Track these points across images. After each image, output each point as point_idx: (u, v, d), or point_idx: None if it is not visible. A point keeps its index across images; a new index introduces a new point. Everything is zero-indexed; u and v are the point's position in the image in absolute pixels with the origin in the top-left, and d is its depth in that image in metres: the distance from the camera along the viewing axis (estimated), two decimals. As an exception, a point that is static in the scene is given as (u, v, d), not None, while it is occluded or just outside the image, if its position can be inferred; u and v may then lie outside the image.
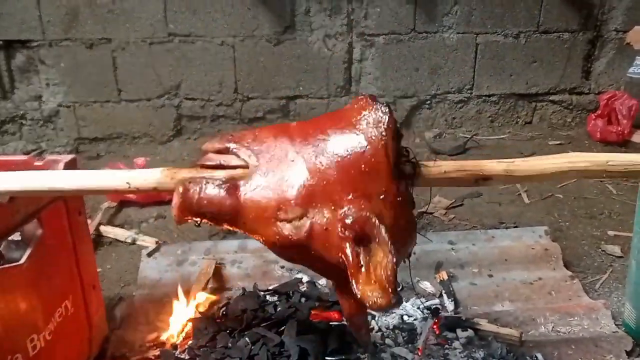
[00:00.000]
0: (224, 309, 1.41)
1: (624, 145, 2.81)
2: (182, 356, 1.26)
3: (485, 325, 1.34)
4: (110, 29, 2.75)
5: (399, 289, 1.51)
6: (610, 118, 2.85)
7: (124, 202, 2.18)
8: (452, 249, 1.68)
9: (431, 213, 2.09)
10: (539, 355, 1.27)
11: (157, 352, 1.29)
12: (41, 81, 2.81)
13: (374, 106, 0.85)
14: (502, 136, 3.03)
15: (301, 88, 2.96)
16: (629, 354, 1.30)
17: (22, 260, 1.03)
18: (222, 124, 2.98)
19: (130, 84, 2.85)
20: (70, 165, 1.21)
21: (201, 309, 1.42)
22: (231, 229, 0.89)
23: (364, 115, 0.84)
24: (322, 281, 1.52)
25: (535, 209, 2.14)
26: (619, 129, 2.79)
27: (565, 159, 0.90)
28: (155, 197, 2.16)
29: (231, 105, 2.95)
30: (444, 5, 2.89)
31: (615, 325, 1.39)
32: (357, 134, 0.83)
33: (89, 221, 1.93)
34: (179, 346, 1.30)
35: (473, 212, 2.12)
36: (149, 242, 1.85)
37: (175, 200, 0.87)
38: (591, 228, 1.97)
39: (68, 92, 2.83)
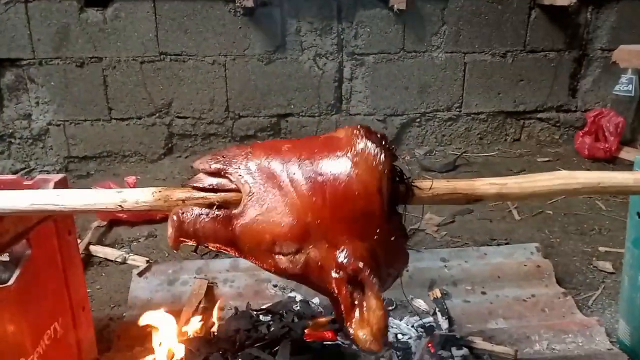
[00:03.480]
0: (215, 329, 1.39)
1: (611, 161, 2.85)
2: (173, 378, 1.23)
3: (480, 343, 1.33)
4: (101, 48, 2.75)
5: (393, 307, 1.50)
6: (597, 135, 2.90)
7: (114, 221, 2.16)
8: (445, 266, 1.68)
9: (423, 230, 2.09)
10: (535, 373, 1.26)
11: (147, 375, 1.26)
12: (30, 100, 2.80)
13: (368, 145, 0.82)
14: (491, 153, 3.06)
15: (292, 106, 2.98)
16: (623, 370, 1.30)
17: (11, 282, 1.00)
18: (213, 142, 2.98)
19: (121, 103, 2.85)
20: (61, 185, 1.20)
21: (193, 330, 1.39)
22: (229, 252, 0.90)
23: (358, 152, 0.82)
24: (316, 299, 1.51)
25: (526, 226, 2.15)
26: (607, 145, 2.83)
27: (558, 180, 0.90)
28: (146, 216, 2.14)
29: (222, 124, 2.96)
30: (432, 26, 2.93)
31: (610, 342, 1.39)
32: (352, 175, 0.81)
33: (78, 241, 1.91)
34: (170, 368, 1.27)
35: (464, 228, 2.13)
36: (139, 261, 1.83)
37: (170, 231, 0.87)
38: (582, 244, 1.98)
39: (58, 110, 2.82)
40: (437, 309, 1.50)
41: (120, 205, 0.95)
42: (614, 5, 3.00)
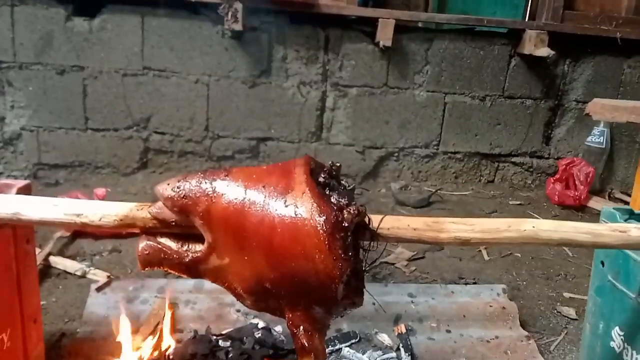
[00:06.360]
0: (171, 351, 1.34)
1: (580, 210, 2.91)
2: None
3: (440, 382, 1.32)
4: (84, 57, 2.73)
5: (356, 340, 1.48)
6: (568, 183, 2.96)
7: (77, 233, 2.09)
8: (412, 302, 1.67)
9: (393, 264, 2.08)
10: (493, 417, 1.25)
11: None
12: (6, 103, 2.74)
13: (317, 220, 0.79)
14: (465, 192, 3.10)
15: (272, 131, 2.98)
16: (581, 419, 1.29)
17: (-42, 287, 0.96)
18: (190, 160, 2.95)
19: (98, 113, 2.81)
20: (24, 191, 1.16)
21: (148, 352, 1.34)
22: None
23: (307, 229, 0.80)
24: (278, 327, 1.48)
25: (495, 267, 2.16)
26: (576, 194, 2.89)
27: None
28: (111, 230, 2.09)
29: (200, 142, 2.94)
30: (415, 64, 3.00)
31: (569, 388, 1.39)
32: (307, 257, 0.80)
33: (38, 250, 1.85)
34: (120, 390, 1.22)
35: (434, 265, 2.13)
36: (99, 276, 1.77)
37: (139, 264, 0.94)
38: (547, 289, 2.00)
39: (33, 116, 2.77)
40: (401, 345, 1.48)
41: (77, 220, 0.93)
42: (590, 60, 3.13)
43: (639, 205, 1.72)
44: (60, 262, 1.87)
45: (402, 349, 1.46)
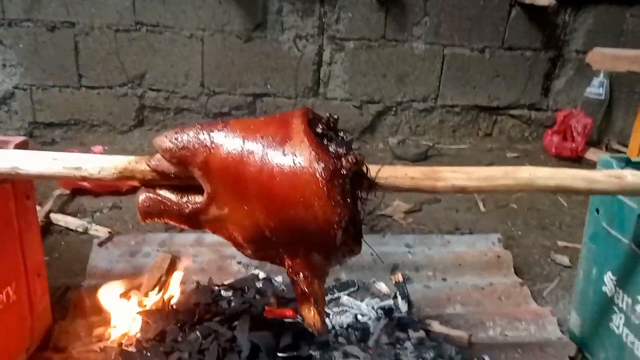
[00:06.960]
0: (175, 302, 1.38)
1: (577, 161, 2.93)
2: (129, 350, 1.22)
3: (436, 326, 1.36)
4: (75, 13, 2.66)
5: (355, 289, 1.52)
6: (565, 134, 2.96)
7: (77, 190, 2.11)
8: (409, 252, 1.70)
9: (390, 216, 2.11)
10: (487, 358, 1.30)
11: (101, 345, 1.24)
12: (-3, 61, 2.70)
13: (316, 167, 0.79)
14: (462, 146, 3.10)
15: (269, 86, 2.95)
16: (572, 359, 1.34)
17: (-39, 242, 0.97)
18: (186, 117, 2.93)
19: (92, 70, 2.77)
20: (21, 147, 1.16)
21: (152, 302, 1.38)
22: None
23: (306, 175, 0.80)
24: (279, 278, 1.51)
25: (490, 218, 2.19)
26: (574, 145, 2.90)
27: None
28: (111, 187, 2.10)
29: (196, 99, 2.91)
30: (414, 16, 2.94)
31: (561, 331, 1.43)
32: (306, 202, 0.80)
33: (38, 208, 1.86)
34: (126, 339, 1.26)
35: (431, 217, 2.16)
36: (101, 232, 1.79)
37: (140, 216, 0.96)
38: (542, 238, 2.04)
39: (25, 74, 2.73)
40: (397, 293, 1.52)
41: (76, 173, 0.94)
42: (591, 9, 3.06)
43: (636, 154, 1.73)
44: (61, 219, 1.89)
45: (399, 297, 1.51)
